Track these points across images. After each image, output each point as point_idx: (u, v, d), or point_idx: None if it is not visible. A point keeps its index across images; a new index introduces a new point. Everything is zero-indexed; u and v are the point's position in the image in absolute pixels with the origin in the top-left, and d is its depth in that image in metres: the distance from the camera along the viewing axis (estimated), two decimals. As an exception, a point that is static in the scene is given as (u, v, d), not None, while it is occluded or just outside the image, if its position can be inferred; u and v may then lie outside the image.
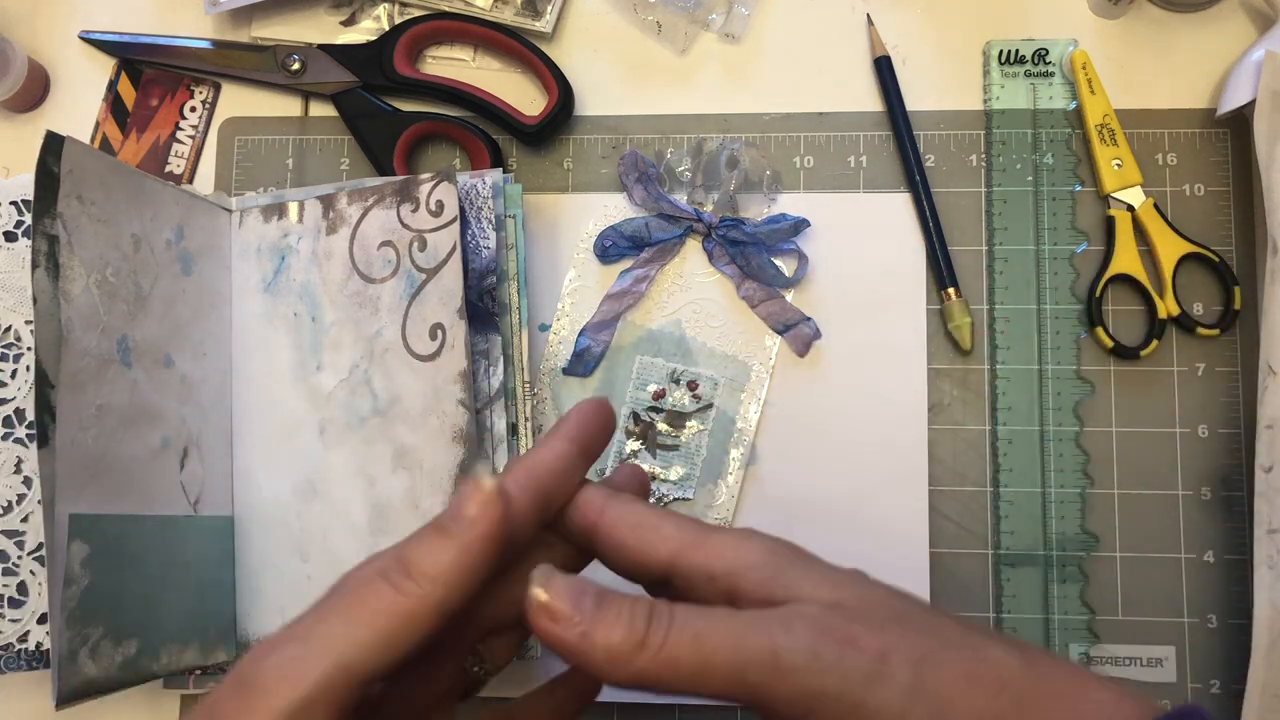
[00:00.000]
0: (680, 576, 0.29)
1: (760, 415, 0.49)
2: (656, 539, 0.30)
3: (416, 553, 0.27)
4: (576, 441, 0.31)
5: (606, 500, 0.31)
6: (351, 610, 0.27)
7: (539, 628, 0.27)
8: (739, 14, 0.52)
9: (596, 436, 0.32)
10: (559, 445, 0.31)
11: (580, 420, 0.32)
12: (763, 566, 0.28)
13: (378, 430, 0.46)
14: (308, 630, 0.26)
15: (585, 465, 0.32)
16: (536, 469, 0.30)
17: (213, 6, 0.53)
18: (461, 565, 0.27)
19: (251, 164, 0.53)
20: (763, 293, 0.49)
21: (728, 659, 0.26)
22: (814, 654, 0.26)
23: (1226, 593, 0.47)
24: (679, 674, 0.26)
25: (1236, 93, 0.47)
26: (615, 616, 0.26)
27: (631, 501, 0.31)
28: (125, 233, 0.43)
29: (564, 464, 0.31)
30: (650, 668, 0.26)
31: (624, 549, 0.30)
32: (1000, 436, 0.49)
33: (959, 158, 0.51)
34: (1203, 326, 0.48)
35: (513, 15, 0.52)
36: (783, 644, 0.26)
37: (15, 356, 0.48)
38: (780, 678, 0.26)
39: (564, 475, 0.31)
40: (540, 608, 0.27)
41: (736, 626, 0.26)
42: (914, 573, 0.47)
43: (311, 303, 0.48)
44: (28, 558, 0.47)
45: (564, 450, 0.31)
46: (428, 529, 0.28)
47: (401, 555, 0.27)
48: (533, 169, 0.52)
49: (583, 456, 0.31)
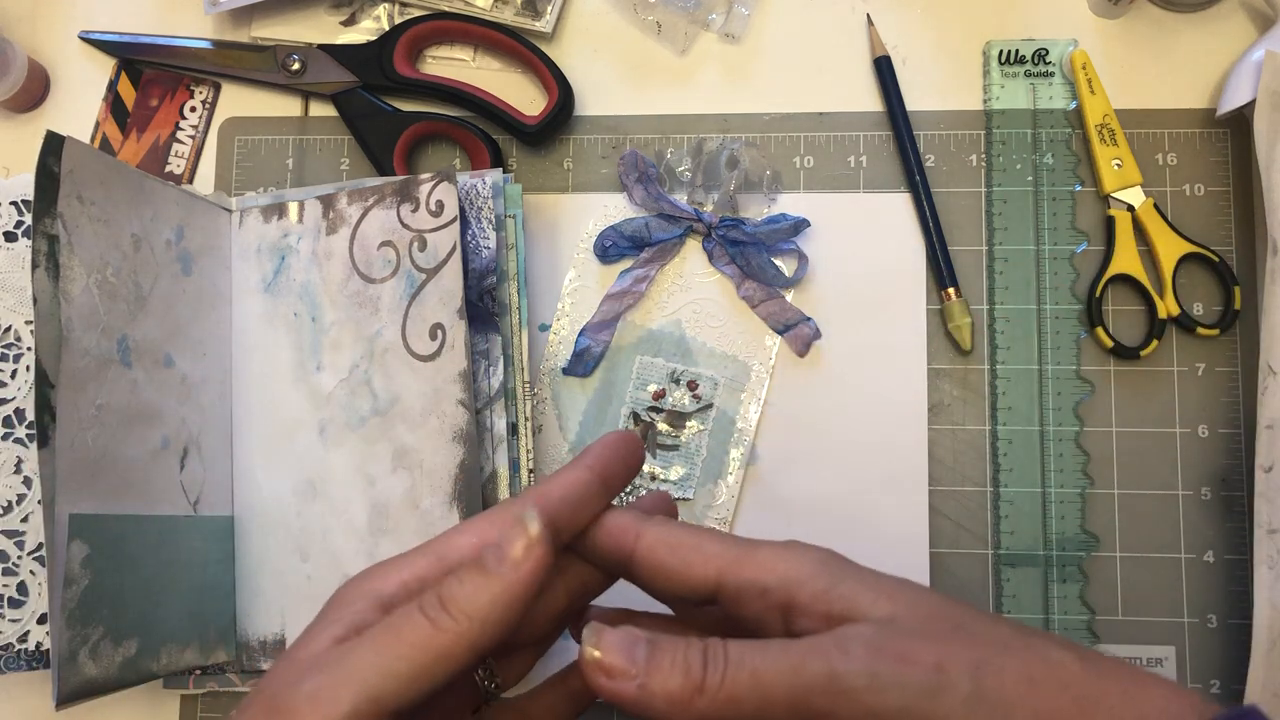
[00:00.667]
0: (728, 594, 0.29)
1: (760, 415, 0.49)
2: (699, 558, 0.30)
3: (458, 590, 0.27)
4: (597, 471, 0.31)
5: (641, 524, 0.31)
6: (386, 642, 0.27)
7: (597, 685, 0.27)
8: (739, 14, 0.52)
9: (620, 468, 0.32)
10: (578, 474, 0.31)
11: (603, 451, 0.32)
12: (817, 578, 0.28)
13: (378, 430, 0.46)
14: (340, 659, 0.27)
15: (606, 496, 0.32)
16: (551, 496, 0.30)
17: (213, 6, 0.53)
18: (501, 606, 0.27)
19: (251, 164, 0.53)
20: (763, 293, 0.49)
21: (787, 691, 0.26)
22: (873, 674, 0.26)
23: (1226, 593, 0.47)
24: (741, 711, 0.26)
25: (1236, 93, 0.47)
26: (671, 664, 0.27)
27: (667, 522, 0.31)
28: (125, 233, 0.43)
29: (581, 492, 0.31)
30: (711, 709, 0.26)
31: (665, 571, 0.30)
32: (1000, 436, 0.49)
33: (959, 158, 0.51)
34: (1203, 326, 0.48)
35: (513, 15, 0.52)
36: (840, 668, 0.26)
37: (15, 356, 0.48)
38: (842, 702, 0.26)
39: (581, 504, 0.31)
40: (595, 665, 0.27)
41: (793, 657, 0.27)
42: (914, 573, 0.47)
43: (311, 303, 0.48)
44: (28, 558, 0.47)
45: (583, 479, 0.31)
46: (470, 566, 0.28)
47: (442, 592, 0.27)
48: (533, 169, 0.52)
49: (603, 487, 0.31)
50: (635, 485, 0.49)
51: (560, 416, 0.50)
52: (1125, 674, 0.27)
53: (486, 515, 0.31)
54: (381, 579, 0.29)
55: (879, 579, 0.29)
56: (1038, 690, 0.26)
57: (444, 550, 0.30)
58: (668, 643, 0.27)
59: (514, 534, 0.28)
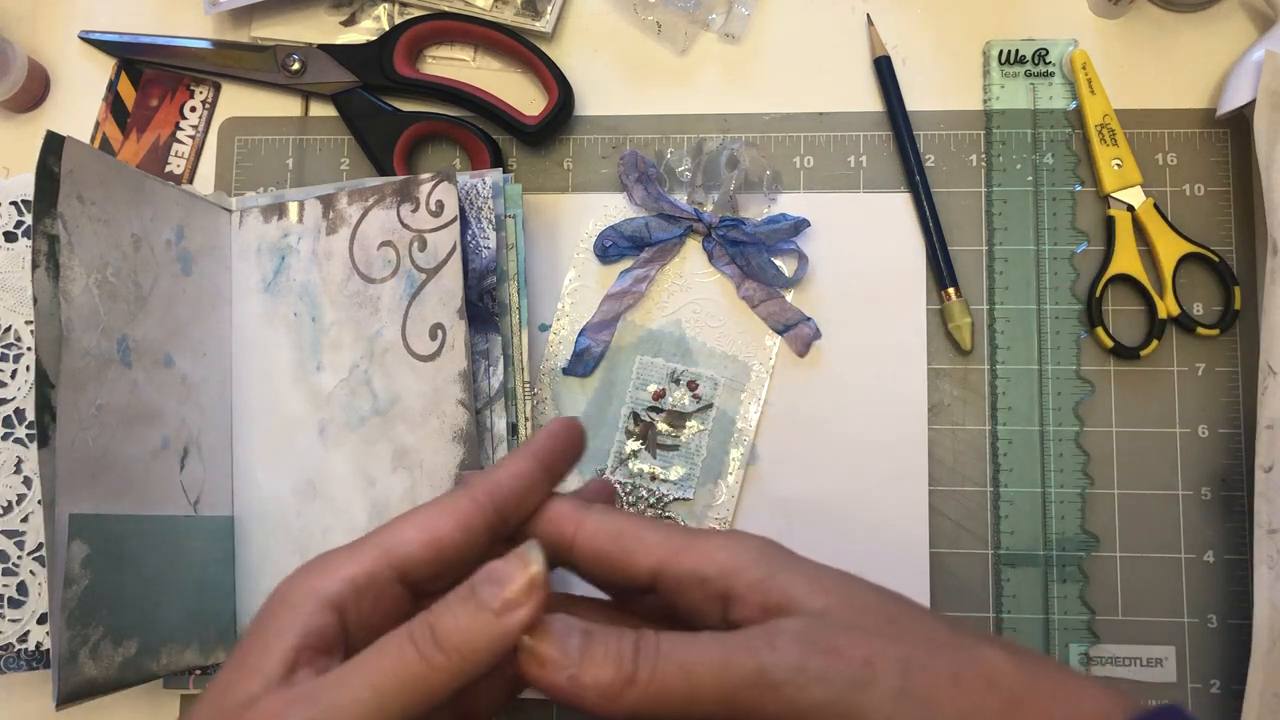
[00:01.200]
0: (668, 583, 0.29)
1: (760, 415, 0.49)
2: (640, 548, 0.30)
3: (452, 625, 0.27)
4: (541, 459, 0.31)
5: (582, 512, 0.31)
6: (373, 672, 0.26)
7: (529, 674, 0.27)
8: (739, 14, 0.52)
9: (563, 456, 0.32)
10: (524, 463, 0.31)
11: (548, 439, 0.32)
12: (755, 568, 0.28)
13: (378, 430, 0.46)
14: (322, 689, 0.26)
15: (550, 484, 0.31)
16: (499, 487, 0.30)
17: (213, 6, 0.53)
18: (497, 648, 0.27)
19: (251, 164, 0.53)
20: (763, 293, 0.49)
21: (715, 684, 0.26)
22: (799, 668, 0.26)
23: (1226, 593, 0.47)
24: (670, 704, 0.26)
25: (1236, 93, 0.47)
26: (603, 655, 0.27)
27: (608, 511, 0.31)
28: (125, 233, 0.43)
29: (527, 483, 0.31)
30: (641, 701, 0.26)
31: (606, 560, 0.30)
32: (1000, 436, 0.49)
33: (959, 158, 0.51)
34: (1203, 326, 0.48)
35: (513, 15, 0.52)
36: (767, 661, 0.26)
37: (15, 356, 0.48)
38: (769, 695, 0.26)
39: (526, 494, 0.31)
40: (528, 654, 0.27)
41: (722, 650, 0.27)
42: (914, 573, 0.47)
43: (311, 303, 0.48)
44: (28, 558, 0.47)
45: (527, 468, 0.31)
46: (466, 599, 0.27)
47: (435, 624, 0.27)
48: (533, 169, 0.52)
49: (547, 475, 0.31)
50: (635, 485, 0.49)
51: (560, 416, 0.50)
52: (1055, 675, 0.27)
53: (435, 504, 0.30)
54: (326, 575, 0.28)
55: (818, 571, 0.29)
56: (964, 689, 0.26)
57: (391, 543, 0.29)
58: (602, 634, 0.27)
59: (513, 569, 0.27)
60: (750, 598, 0.28)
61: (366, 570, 0.28)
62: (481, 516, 0.29)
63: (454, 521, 0.29)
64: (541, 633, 0.27)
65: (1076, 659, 0.47)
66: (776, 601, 0.28)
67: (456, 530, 0.29)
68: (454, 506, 0.29)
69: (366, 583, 0.28)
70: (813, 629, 0.27)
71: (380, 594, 0.28)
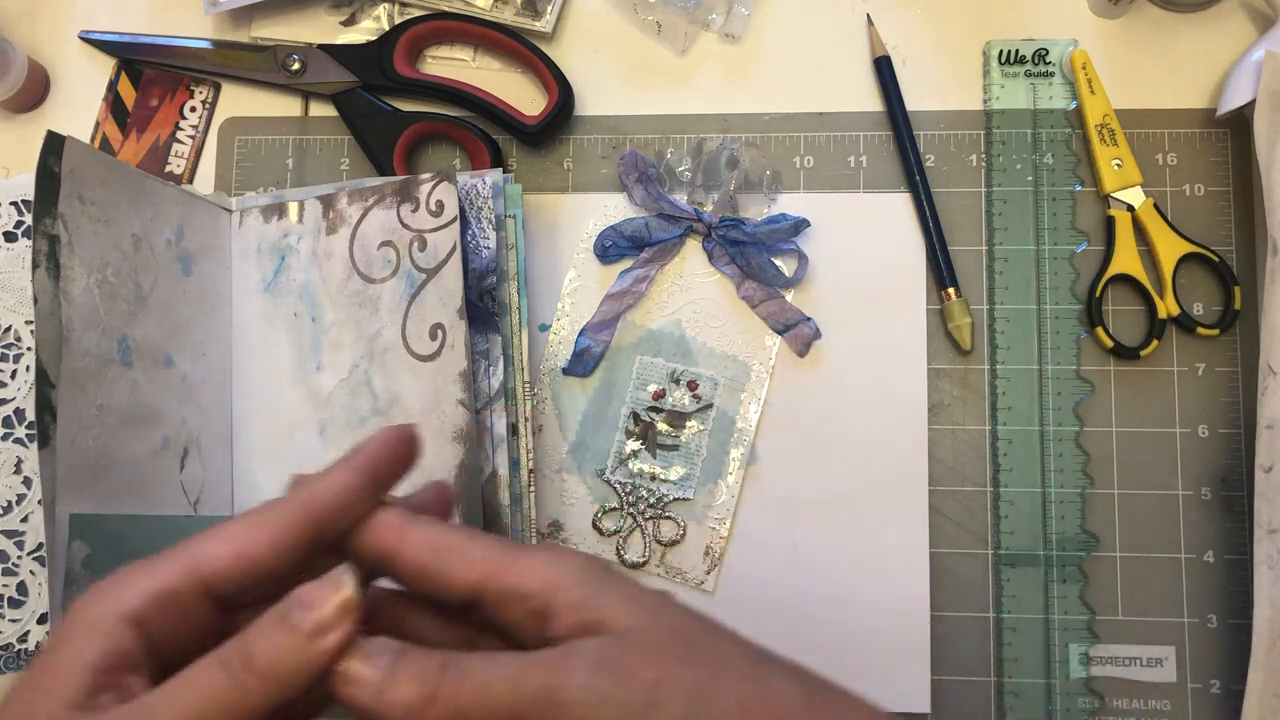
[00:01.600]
0: (490, 598, 0.29)
1: (760, 415, 0.49)
2: (462, 562, 0.29)
3: (263, 649, 0.26)
4: (367, 472, 0.30)
5: (406, 524, 0.30)
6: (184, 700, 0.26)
7: (339, 693, 0.27)
8: (739, 14, 0.52)
9: (391, 467, 0.31)
10: (349, 477, 0.30)
11: (377, 450, 0.31)
12: (576, 586, 0.28)
13: (378, 430, 0.46)
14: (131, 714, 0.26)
15: (375, 495, 0.31)
16: (318, 501, 0.29)
17: (213, 6, 0.53)
18: (309, 671, 0.26)
19: (251, 164, 0.53)
20: (763, 293, 0.49)
21: (510, 703, 0.26)
22: (588, 687, 0.26)
23: (1226, 593, 0.47)
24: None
25: (1236, 93, 0.47)
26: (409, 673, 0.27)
27: (433, 523, 0.30)
28: (125, 233, 0.43)
29: (351, 498, 0.30)
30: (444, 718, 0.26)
31: (428, 574, 0.29)
32: (1000, 436, 0.49)
33: (959, 158, 0.51)
34: (1203, 326, 0.48)
35: (513, 15, 0.52)
36: (557, 681, 0.26)
37: (15, 356, 0.48)
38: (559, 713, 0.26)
39: (349, 509, 0.30)
40: (339, 673, 0.27)
41: (516, 668, 0.27)
42: (914, 573, 0.47)
43: (311, 303, 0.48)
44: (28, 558, 0.47)
45: (351, 482, 0.30)
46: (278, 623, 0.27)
47: (248, 648, 0.26)
48: (533, 169, 0.52)
49: (372, 488, 0.30)
50: (635, 485, 0.49)
51: (560, 416, 0.50)
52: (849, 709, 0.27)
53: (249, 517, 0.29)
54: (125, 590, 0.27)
55: (636, 592, 0.29)
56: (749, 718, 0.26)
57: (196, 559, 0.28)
58: (413, 652, 0.27)
59: (325, 593, 0.27)
60: (566, 616, 0.28)
61: (168, 585, 0.27)
62: (296, 533, 0.29)
63: (266, 537, 0.28)
64: (353, 652, 0.27)
65: (1076, 659, 0.47)
66: (590, 620, 0.28)
67: (268, 547, 0.28)
68: (268, 522, 0.29)
69: (169, 598, 0.27)
70: (609, 649, 0.27)
71: (187, 609, 0.28)
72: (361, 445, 0.31)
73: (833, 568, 0.48)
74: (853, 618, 0.47)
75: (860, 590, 0.47)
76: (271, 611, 0.27)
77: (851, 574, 0.48)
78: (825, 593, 0.48)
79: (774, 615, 0.48)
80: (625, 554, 0.48)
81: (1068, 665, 0.47)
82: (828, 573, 0.48)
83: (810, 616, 0.47)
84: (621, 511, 0.49)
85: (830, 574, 0.48)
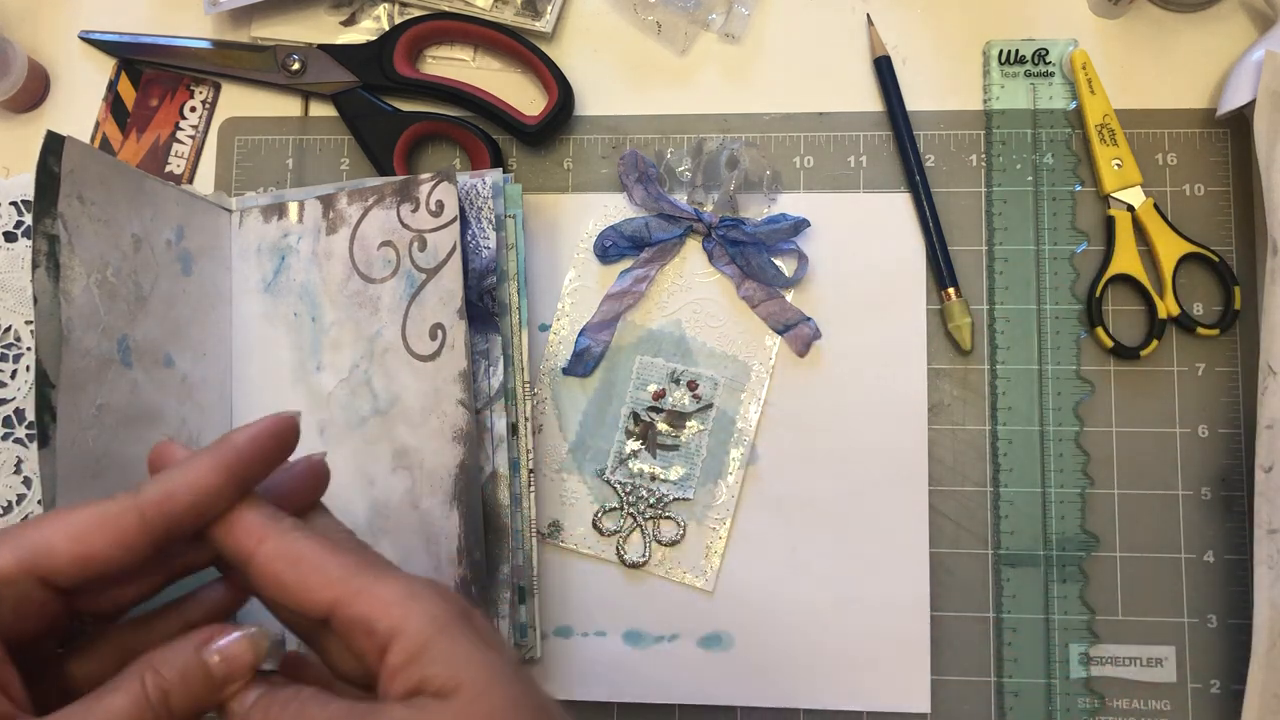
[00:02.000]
0: (338, 623, 0.28)
1: (760, 415, 0.49)
2: (318, 580, 0.28)
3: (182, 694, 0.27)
4: (233, 472, 0.29)
5: (265, 528, 0.29)
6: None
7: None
8: (739, 14, 0.52)
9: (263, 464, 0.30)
10: (207, 476, 0.28)
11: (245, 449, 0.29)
12: (420, 632, 0.27)
13: (378, 430, 0.46)
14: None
15: (239, 493, 0.29)
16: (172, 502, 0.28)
17: (213, 6, 0.53)
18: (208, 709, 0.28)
19: (251, 164, 0.53)
20: (763, 293, 0.49)
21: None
22: None
23: (1226, 593, 0.47)
24: None
25: (1236, 93, 0.47)
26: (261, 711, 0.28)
27: (292, 531, 0.29)
28: (125, 233, 0.43)
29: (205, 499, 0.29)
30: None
31: (281, 586, 0.28)
32: (1000, 436, 0.49)
33: (959, 158, 0.51)
34: (1203, 326, 0.48)
35: (513, 15, 0.52)
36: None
37: (15, 356, 0.48)
38: None
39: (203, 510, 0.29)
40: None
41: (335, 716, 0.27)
42: (914, 573, 0.47)
43: (311, 303, 0.48)
44: None
45: (211, 483, 0.28)
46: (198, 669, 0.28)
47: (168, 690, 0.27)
48: (533, 169, 0.52)
49: (236, 486, 0.29)
50: (635, 485, 0.49)
51: (560, 416, 0.50)
52: None
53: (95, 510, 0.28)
54: None
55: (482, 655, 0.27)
56: None
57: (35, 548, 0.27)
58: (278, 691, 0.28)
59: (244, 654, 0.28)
60: (400, 664, 0.27)
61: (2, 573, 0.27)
62: (145, 536, 0.28)
63: (112, 538, 0.27)
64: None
65: (1076, 659, 0.47)
66: (422, 677, 0.27)
67: (113, 547, 0.27)
68: (116, 521, 0.28)
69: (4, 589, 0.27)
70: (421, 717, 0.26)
71: (22, 596, 0.27)
72: (232, 436, 0.29)
73: (832, 568, 0.48)
74: (853, 618, 0.47)
75: (860, 590, 0.47)
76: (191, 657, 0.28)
77: (851, 574, 0.48)
78: (825, 592, 0.48)
79: (774, 615, 0.48)
80: (625, 554, 0.48)
81: (1068, 665, 0.47)
82: (827, 573, 0.48)
83: (810, 616, 0.47)
84: (621, 511, 0.49)
85: (830, 574, 0.48)
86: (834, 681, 0.47)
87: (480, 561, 0.43)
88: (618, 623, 0.48)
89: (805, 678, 0.47)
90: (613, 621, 0.48)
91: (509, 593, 0.45)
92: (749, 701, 0.47)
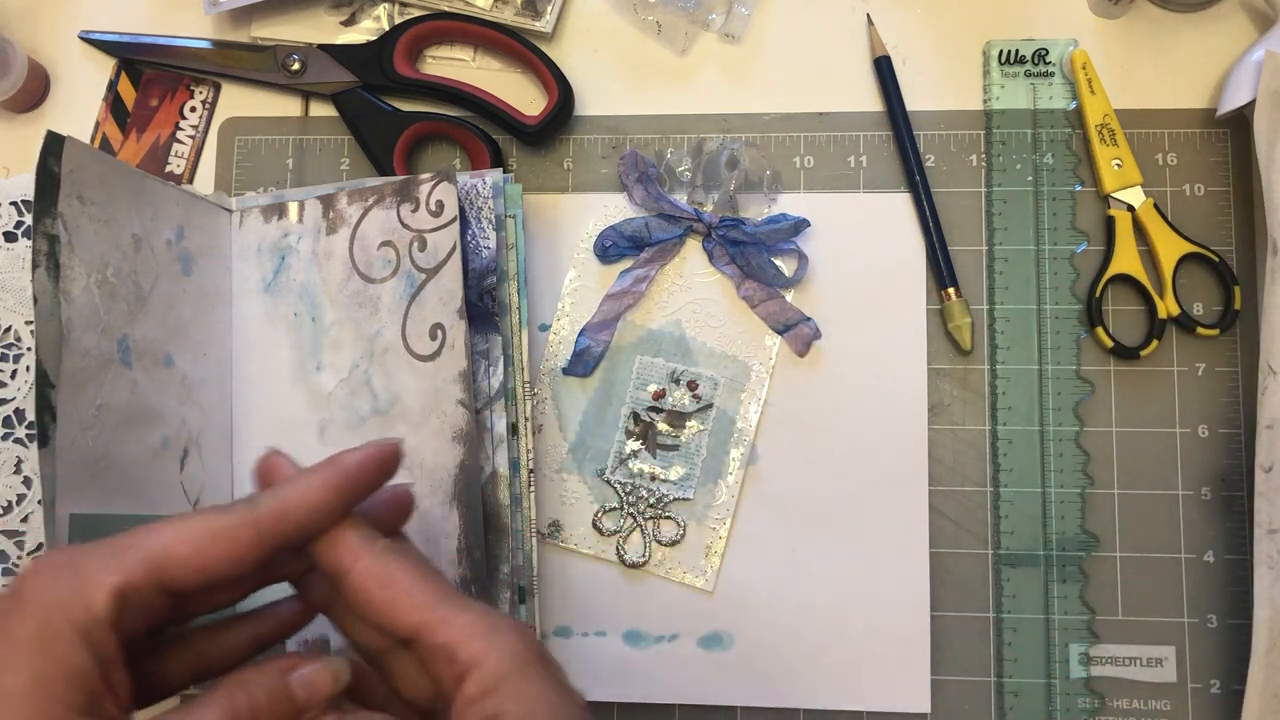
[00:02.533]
0: (421, 647, 0.29)
1: (760, 415, 0.49)
2: (407, 603, 0.29)
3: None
4: (342, 493, 0.31)
5: (363, 548, 0.30)
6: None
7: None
8: (739, 14, 0.52)
9: (366, 488, 0.31)
10: (320, 495, 0.30)
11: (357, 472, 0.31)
12: (498, 668, 0.28)
13: (378, 430, 0.46)
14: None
15: (342, 514, 0.31)
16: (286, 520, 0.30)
17: (213, 6, 0.53)
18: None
19: (251, 164, 0.53)
20: (763, 293, 0.49)
21: None
22: None
23: (1226, 593, 0.47)
24: None
25: (1236, 93, 0.47)
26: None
27: (389, 553, 0.31)
28: (125, 233, 0.43)
29: (316, 517, 0.30)
30: None
31: (371, 604, 0.30)
32: (1000, 436, 0.49)
33: (959, 158, 0.51)
34: (1203, 326, 0.48)
35: (513, 15, 0.52)
36: None
37: (15, 356, 0.48)
38: None
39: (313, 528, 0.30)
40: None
41: None
42: (914, 572, 0.47)
43: (311, 303, 0.48)
44: (28, 558, 0.47)
45: (323, 502, 0.30)
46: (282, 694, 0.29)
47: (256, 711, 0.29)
48: (533, 169, 0.52)
49: (341, 508, 0.31)
50: (635, 485, 0.49)
51: (560, 416, 0.50)
52: None
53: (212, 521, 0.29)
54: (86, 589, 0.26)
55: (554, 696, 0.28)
56: None
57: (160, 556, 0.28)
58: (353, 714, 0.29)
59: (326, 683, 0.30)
60: (471, 693, 0.28)
61: (133, 582, 0.27)
62: (257, 549, 0.29)
63: (228, 549, 0.28)
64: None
65: (1076, 659, 0.47)
66: (490, 712, 0.28)
67: (229, 558, 0.29)
68: (234, 533, 0.29)
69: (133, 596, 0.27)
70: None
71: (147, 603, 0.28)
72: (343, 458, 0.31)
73: (833, 568, 0.48)
74: (853, 618, 0.47)
75: (860, 590, 0.47)
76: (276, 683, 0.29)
77: (851, 574, 0.48)
78: (825, 592, 0.48)
79: (774, 615, 0.48)
80: (625, 554, 0.48)
81: (1068, 665, 0.47)
82: (827, 573, 0.48)
83: (810, 616, 0.47)
84: (621, 511, 0.49)
85: (830, 574, 0.48)
86: (834, 681, 0.47)
87: (480, 561, 0.43)
88: (618, 623, 0.48)
89: (805, 678, 0.47)
90: (613, 621, 0.48)
91: (509, 593, 0.45)
92: (749, 701, 0.47)
